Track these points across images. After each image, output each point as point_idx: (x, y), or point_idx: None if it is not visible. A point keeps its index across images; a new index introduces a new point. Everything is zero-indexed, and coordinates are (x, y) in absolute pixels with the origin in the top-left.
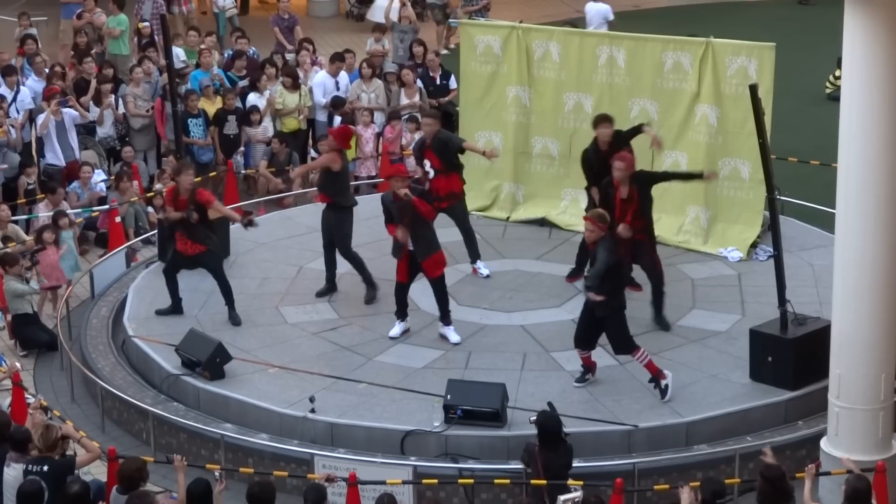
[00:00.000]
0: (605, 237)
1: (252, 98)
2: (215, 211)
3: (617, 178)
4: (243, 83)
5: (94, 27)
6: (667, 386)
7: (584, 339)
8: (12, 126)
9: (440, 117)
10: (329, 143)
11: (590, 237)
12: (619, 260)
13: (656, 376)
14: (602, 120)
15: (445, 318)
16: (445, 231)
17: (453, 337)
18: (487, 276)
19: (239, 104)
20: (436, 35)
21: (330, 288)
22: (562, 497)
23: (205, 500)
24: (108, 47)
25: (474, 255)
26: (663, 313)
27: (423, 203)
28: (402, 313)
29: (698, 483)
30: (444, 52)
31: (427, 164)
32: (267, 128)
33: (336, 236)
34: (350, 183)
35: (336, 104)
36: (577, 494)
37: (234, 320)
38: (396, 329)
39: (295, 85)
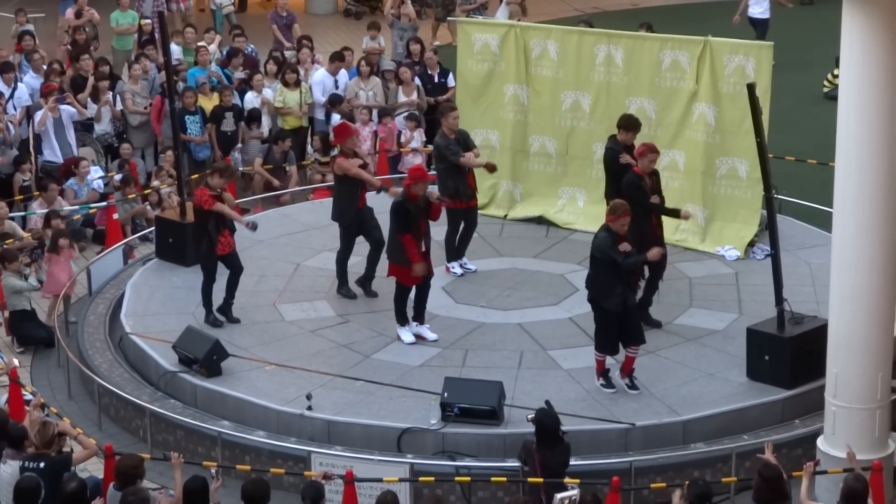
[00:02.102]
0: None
1: (249, 97)
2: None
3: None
4: (241, 75)
5: (94, 24)
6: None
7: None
8: (10, 122)
9: None
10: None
11: (624, 229)
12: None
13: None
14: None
15: (404, 318)
16: (441, 229)
17: (408, 337)
18: (462, 275)
19: (237, 100)
20: (431, 31)
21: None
22: (558, 495)
23: (201, 497)
24: (115, 43)
25: (461, 255)
26: (648, 310)
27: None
28: (406, 318)
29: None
30: (436, 43)
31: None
32: (262, 124)
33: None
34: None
35: (334, 101)
36: (574, 493)
37: (231, 318)
38: (411, 337)
39: (295, 83)
